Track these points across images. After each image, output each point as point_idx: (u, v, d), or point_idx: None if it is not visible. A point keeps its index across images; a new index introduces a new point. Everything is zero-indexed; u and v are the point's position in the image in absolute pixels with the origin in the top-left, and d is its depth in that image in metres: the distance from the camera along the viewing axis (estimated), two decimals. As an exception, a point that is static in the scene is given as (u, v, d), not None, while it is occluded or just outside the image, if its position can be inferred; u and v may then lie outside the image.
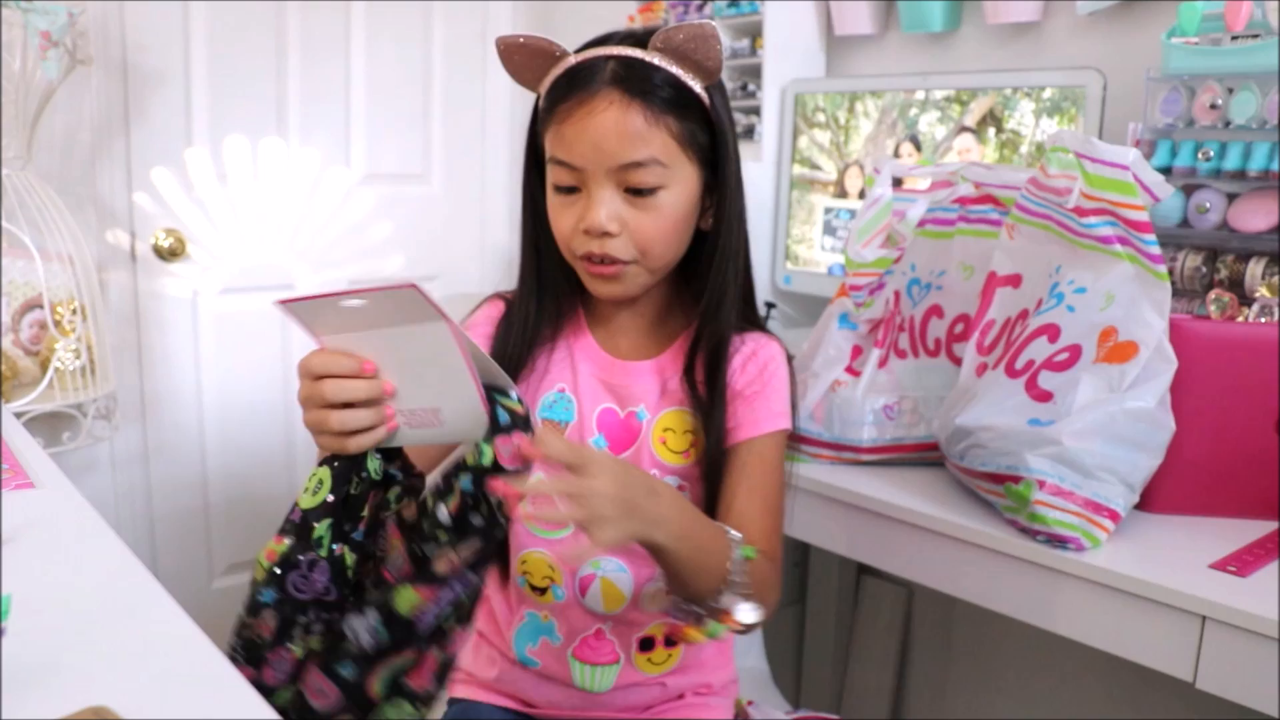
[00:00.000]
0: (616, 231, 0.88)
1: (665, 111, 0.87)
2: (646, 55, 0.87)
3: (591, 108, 0.86)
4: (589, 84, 0.87)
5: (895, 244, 1.20)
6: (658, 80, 0.87)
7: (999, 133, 1.49)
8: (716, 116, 0.91)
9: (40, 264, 1.62)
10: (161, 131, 1.97)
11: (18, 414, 1.52)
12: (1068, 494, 0.95)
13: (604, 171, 0.87)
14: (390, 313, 0.71)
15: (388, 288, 0.69)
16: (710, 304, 0.94)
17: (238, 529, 2.20)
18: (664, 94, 0.87)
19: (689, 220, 0.92)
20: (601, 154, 0.86)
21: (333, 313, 0.73)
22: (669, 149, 0.88)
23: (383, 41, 2.20)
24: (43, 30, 1.51)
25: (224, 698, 0.60)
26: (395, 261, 2.31)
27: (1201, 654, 0.88)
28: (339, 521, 0.77)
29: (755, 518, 0.91)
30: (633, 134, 0.86)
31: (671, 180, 0.89)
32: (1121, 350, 0.96)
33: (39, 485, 0.95)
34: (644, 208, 0.88)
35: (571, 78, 0.88)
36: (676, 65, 0.87)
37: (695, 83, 0.88)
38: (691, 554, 0.82)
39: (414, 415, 0.76)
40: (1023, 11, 1.59)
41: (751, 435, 0.94)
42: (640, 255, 0.90)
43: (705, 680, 1.04)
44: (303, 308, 0.73)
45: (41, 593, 0.72)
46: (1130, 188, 0.96)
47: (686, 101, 0.88)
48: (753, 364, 0.96)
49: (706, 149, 0.91)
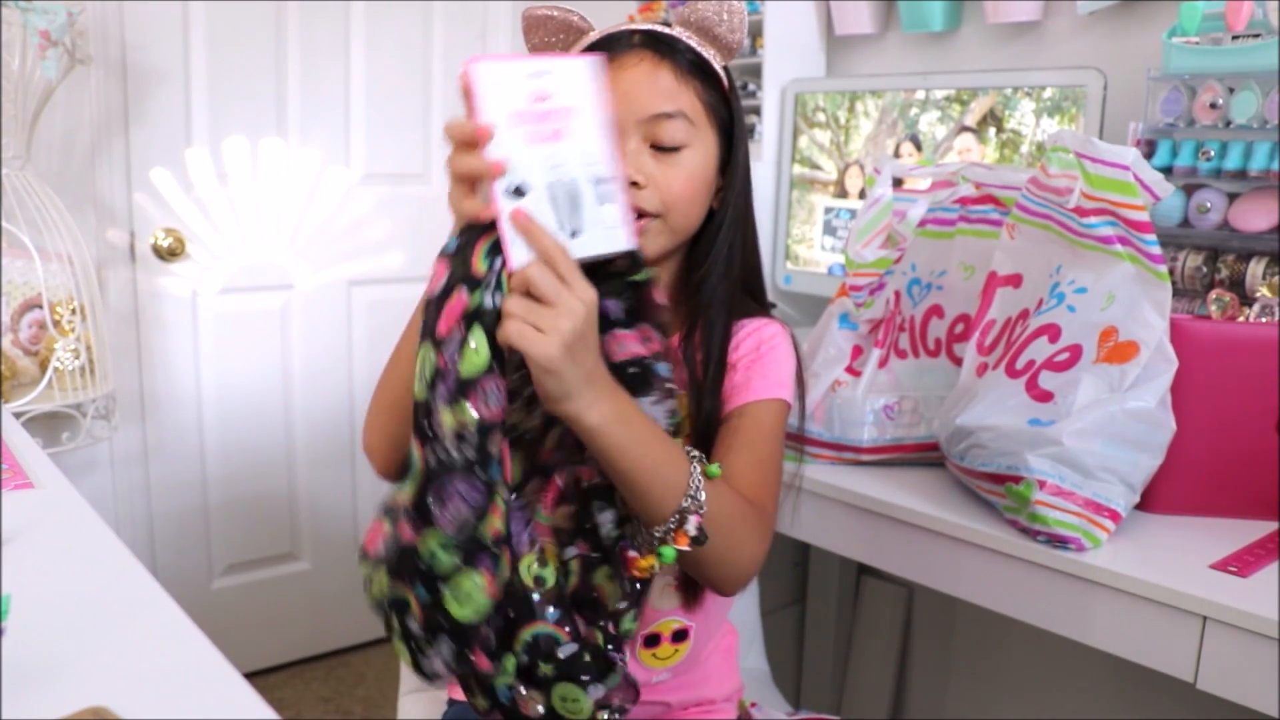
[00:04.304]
0: (644, 183, 0.88)
1: (692, 75, 0.89)
2: (672, 29, 0.90)
3: (622, 63, 0.87)
4: (618, 47, 0.89)
5: (895, 244, 1.20)
6: (681, 48, 0.89)
7: (999, 132, 1.49)
8: (735, 94, 0.93)
9: (39, 264, 1.62)
10: (161, 131, 1.97)
11: (17, 414, 1.52)
12: (1068, 494, 0.95)
13: (633, 123, 0.87)
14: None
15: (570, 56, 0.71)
16: (710, 281, 0.93)
17: (237, 529, 2.20)
18: (690, 58, 0.89)
19: (709, 186, 0.93)
20: (632, 104, 0.87)
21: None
22: (695, 109, 0.89)
23: (383, 41, 2.20)
24: (42, 30, 1.50)
25: (223, 698, 0.59)
26: (395, 260, 2.31)
27: (1202, 654, 0.88)
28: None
29: (743, 470, 0.86)
30: (663, 88, 0.87)
31: (696, 140, 0.90)
32: (1122, 350, 0.96)
33: (38, 485, 0.95)
34: (670, 164, 0.89)
35: (598, 45, 0.89)
36: (698, 39, 0.90)
37: (714, 60, 0.91)
38: (631, 446, 0.74)
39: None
40: (1023, 11, 1.59)
41: (745, 400, 0.91)
42: (665, 209, 0.89)
43: (709, 695, 1.03)
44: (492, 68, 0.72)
45: (41, 593, 0.72)
46: (1131, 188, 0.96)
47: (708, 74, 0.90)
48: (750, 340, 0.94)
49: (726, 122, 0.93)
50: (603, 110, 0.74)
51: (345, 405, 2.28)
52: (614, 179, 0.74)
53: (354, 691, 2.22)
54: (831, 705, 1.91)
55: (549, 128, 0.72)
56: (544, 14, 0.91)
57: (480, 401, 0.69)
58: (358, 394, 2.29)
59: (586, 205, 0.74)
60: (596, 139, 0.74)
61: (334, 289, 2.24)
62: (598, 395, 0.72)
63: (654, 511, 0.76)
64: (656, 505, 0.76)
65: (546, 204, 0.72)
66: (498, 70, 0.72)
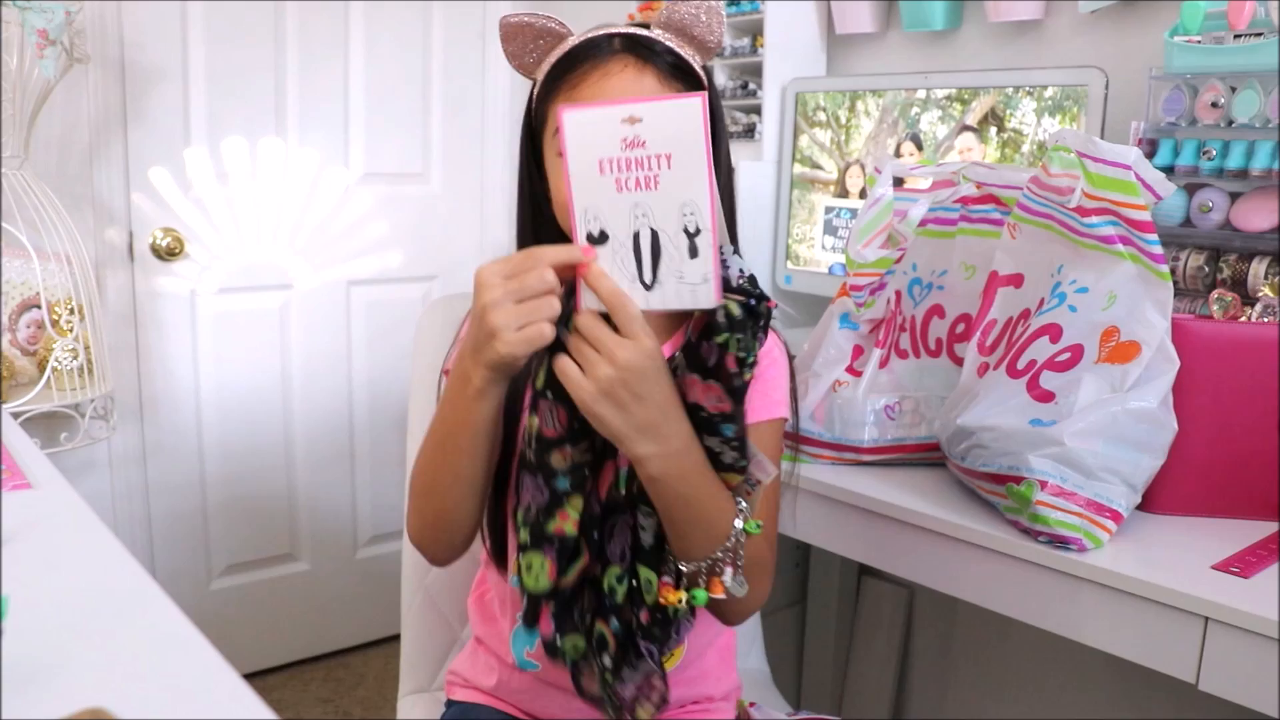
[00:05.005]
0: None
1: (674, 77, 0.89)
2: (650, 32, 0.89)
3: (606, 70, 0.87)
4: (599, 52, 0.88)
5: (896, 244, 1.19)
6: (661, 50, 0.89)
7: (1000, 132, 1.49)
8: (714, 94, 0.92)
9: (38, 263, 1.62)
10: (159, 130, 1.97)
11: (15, 414, 1.52)
12: (1070, 494, 0.95)
13: None
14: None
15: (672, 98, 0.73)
16: None
17: (236, 530, 2.20)
18: (671, 60, 0.89)
19: None
20: None
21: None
22: None
23: (382, 41, 2.20)
24: (40, 29, 1.50)
25: (222, 699, 0.59)
26: (394, 260, 2.30)
27: (1204, 655, 0.88)
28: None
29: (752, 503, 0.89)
30: (649, 92, 0.87)
31: None
32: (1124, 350, 0.96)
33: (36, 486, 0.95)
34: None
35: (579, 51, 0.89)
36: (677, 41, 0.90)
37: (694, 61, 0.90)
38: (685, 501, 0.79)
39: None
40: (1024, 10, 1.58)
41: (749, 421, 0.92)
42: None
43: (707, 692, 1.03)
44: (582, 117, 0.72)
45: (39, 594, 0.71)
46: (1132, 187, 0.96)
47: (689, 76, 0.90)
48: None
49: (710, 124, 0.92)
50: (703, 157, 0.72)
51: (344, 405, 2.28)
52: (708, 231, 0.73)
53: (353, 692, 2.21)
54: (832, 705, 1.91)
55: (640, 175, 0.73)
56: (520, 21, 0.90)
57: (543, 418, 0.78)
58: (357, 394, 2.29)
59: (671, 256, 0.73)
60: (698, 188, 0.72)
61: (333, 289, 2.24)
62: (658, 451, 0.77)
63: (688, 552, 0.82)
64: (693, 548, 0.82)
65: (628, 252, 0.73)
66: (588, 118, 0.73)
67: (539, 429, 0.78)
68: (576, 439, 0.79)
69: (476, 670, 1.04)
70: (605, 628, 0.84)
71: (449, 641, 1.23)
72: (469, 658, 1.06)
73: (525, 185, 0.97)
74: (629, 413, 0.74)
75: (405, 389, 1.26)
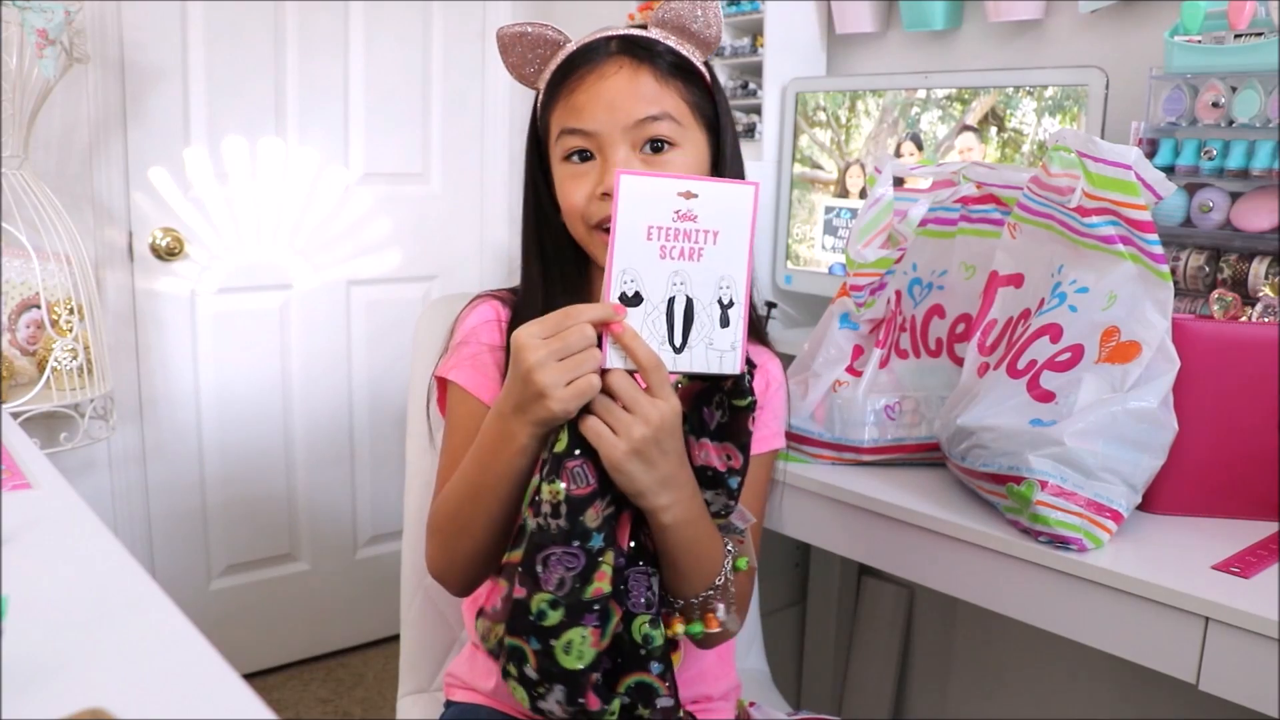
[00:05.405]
0: None
1: (673, 76, 0.89)
2: (647, 31, 0.90)
3: (602, 73, 0.88)
4: (596, 56, 0.89)
5: (896, 244, 1.19)
6: (659, 50, 0.89)
7: (1001, 132, 1.49)
8: (718, 88, 0.93)
9: (37, 263, 1.62)
10: (159, 130, 1.97)
11: (14, 414, 1.52)
12: (1070, 495, 0.95)
13: (619, 130, 0.88)
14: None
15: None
16: None
17: (236, 530, 2.19)
18: (669, 59, 0.89)
19: None
20: (616, 113, 0.88)
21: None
22: (680, 109, 0.90)
23: (382, 40, 2.20)
24: (40, 28, 1.50)
25: (222, 699, 0.59)
26: (394, 260, 2.30)
27: (1204, 655, 0.88)
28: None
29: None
30: (646, 93, 0.88)
31: (684, 140, 0.90)
32: (1124, 350, 0.96)
33: (35, 486, 0.95)
34: (661, 166, 0.89)
35: (576, 57, 0.90)
36: (675, 38, 0.90)
37: (694, 56, 0.91)
38: (690, 545, 0.82)
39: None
40: (1024, 10, 1.58)
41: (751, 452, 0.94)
42: None
43: (705, 692, 1.03)
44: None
45: (38, 594, 0.71)
46: (1132, 187, 0.96)
47: (690, 73, 0.90)
48: (758, 380, 0.96)
49: (712, 120, 0.93)
50: (748, 238, 0.76)
51: (344, 405, 2.28)
52: (741, 305, 0.77)
53: (353, 692, 2.21)
54: (832, 706, 1.91)
55: (686, 246, 0.76)
56: (518, 31, 0.91)
57: (570, 479, 0.76)
58: (356, 394, 2.28)
59: (703, 324, 0.77)
60: (737, 265, 0.77)
61: (333, 289, 2.23)
62: (673, 500, 0.79)
63: (683, 591, 0.85)
64: (689, 587, 0.85)
65: (661, 316, 0.76)
66: (644, 185, 0.75)
67: (568, 492, 0.76)
68: (604, 492, 0.79)
69: (475, 673, 1.04)
70: (649, 676, 0.82)
71: (448, 642, 1.23)
72: (467, 661, 1.06)
73: (531, 194, 0.98)
74: (655, 468, 0.77)
75: (405, 389, 1.26)
